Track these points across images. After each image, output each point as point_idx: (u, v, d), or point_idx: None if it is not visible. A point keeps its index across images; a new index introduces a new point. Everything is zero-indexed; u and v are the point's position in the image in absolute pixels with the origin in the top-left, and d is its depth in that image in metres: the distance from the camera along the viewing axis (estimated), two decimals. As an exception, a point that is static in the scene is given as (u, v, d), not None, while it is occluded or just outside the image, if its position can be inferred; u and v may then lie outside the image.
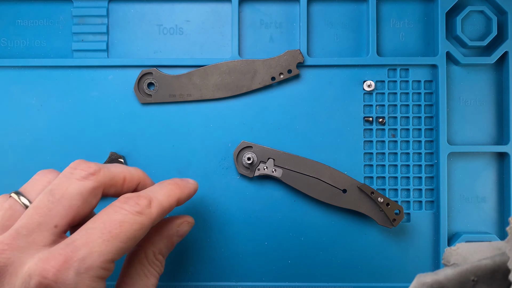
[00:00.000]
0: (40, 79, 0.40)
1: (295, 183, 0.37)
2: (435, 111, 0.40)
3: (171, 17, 0.41)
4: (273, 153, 0.38)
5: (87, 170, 0.27)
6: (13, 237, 0.24)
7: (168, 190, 0.31)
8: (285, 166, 0.37)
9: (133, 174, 0.31)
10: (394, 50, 0.41)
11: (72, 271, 0.23)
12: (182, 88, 0.40)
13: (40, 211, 0.25)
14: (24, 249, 0.24)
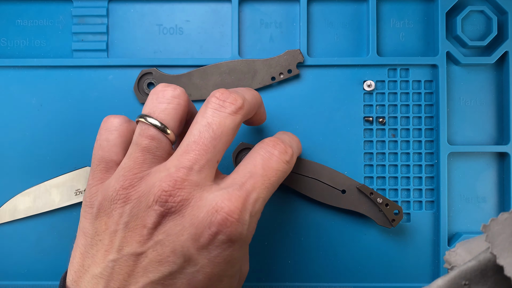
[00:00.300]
0: (40, 79, 0.40)
1: (294, 184, 0.37)
2: (435, 111, 0.40)
3: (171, 17, 0.41)
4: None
5: (236, 104, 0.27)
6: (188, 173, 0.25)
7: (296, 141, 0.32)
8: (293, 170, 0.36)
9: (258, 100, 0.31)
10: (394, 50, 0.41)
11: (248, 213, 0.25)
12: (182, 88, 0.40)
13: (206, 147, 0.26)
14: (199, 185, 0.25)
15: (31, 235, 0.40)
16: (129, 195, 0.25)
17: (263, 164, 0.27)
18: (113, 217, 0.25)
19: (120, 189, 0.25)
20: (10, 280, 0.40)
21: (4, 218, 0.40)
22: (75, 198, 0.40)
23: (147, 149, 0.26)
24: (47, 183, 0.40)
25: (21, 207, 0.40)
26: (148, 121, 0.27)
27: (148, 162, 0.26)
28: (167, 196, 0.24)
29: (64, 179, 0.40)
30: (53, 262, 0.40)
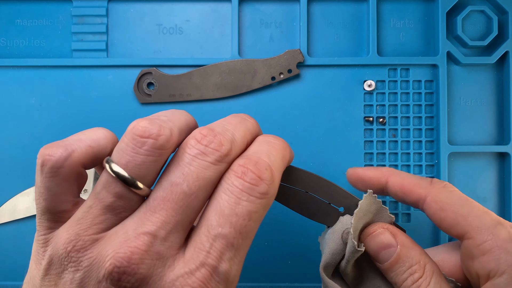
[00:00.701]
0: (39, 79, 0.40)
1: (282, 199, 0.30)
2: (436, 111, 0.40)
3: (171, 16, 0.41)
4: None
5: (221, 150, 0.21)
6: (150, 241, 0.20)
7: (280, 150, 0.24)
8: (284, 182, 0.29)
9: (253, 135, 0.25)
10: (394, 50, 0.41)
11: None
12: (181, 88, 0.40)
13: (178, 206, 0.20)
14: (162, 257, 0.20)
15: (31, 235, 0.40)
16: (80, 260, 0.21)
17: (229, 215, 0.20)
18: (64, 282, 0.21)
19: (71, 251, 0.21)
20: (10, 281, 0.40)
21: (3, 218, 0.40)
22: (74, 198, 0.39)
23: (110, 208, 0.21)
24: (46, 183, 0.40)
25: (20, 207, 0.40)
26: (115, 174, 0.21)
27: (107, 223, 0.21)
28: (120, 273, 0.19)
29: (63, 179, 0.40)
30: (53, 262, 0.40)
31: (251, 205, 0.21)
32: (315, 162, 0.40)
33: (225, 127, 0.23)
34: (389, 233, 0.26)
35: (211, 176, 0.21)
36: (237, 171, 0.21)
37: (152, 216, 0.20)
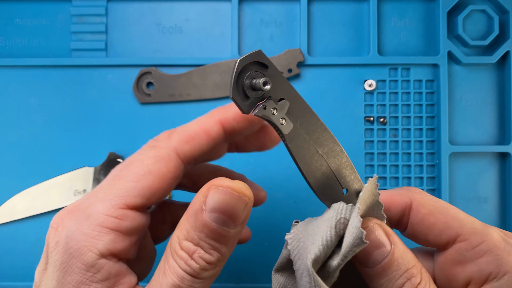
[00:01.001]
0: (38, 79, 0.40)
1: (297, 152, 0.24)
2: (437, 111, 0.40)
3: (171, 16, 0.41)
4: (292, 96, 0.23)
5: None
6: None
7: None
8: (299, 123, 0.24)
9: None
10: (395, 50, 0.40)
11: None
12: (181, 87, 0.39)
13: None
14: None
15: (30, 235, 0.40)
16: None
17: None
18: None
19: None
20: (10, 281, 0.40)
21: (2, 219, 0.40)
22: (73, 198, 0.39)
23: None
24: (45, 183, 0.39)
25: (19, 207, 0.40)
26: None
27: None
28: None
29: (62, 179, 0.40)
30: (52, 262, 0.40)
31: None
32: (315, 162, 0.39)
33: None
34: (383, 231, 0.22)
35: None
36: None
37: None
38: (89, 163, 0.39)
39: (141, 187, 0.22)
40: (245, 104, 0.22)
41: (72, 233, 0.21)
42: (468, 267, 0.23)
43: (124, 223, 0.21)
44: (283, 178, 0.39)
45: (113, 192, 0.22)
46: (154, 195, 0.22)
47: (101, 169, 0.39)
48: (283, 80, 0.22)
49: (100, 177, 0.39)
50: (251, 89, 0.21)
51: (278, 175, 0.39)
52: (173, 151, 0.23)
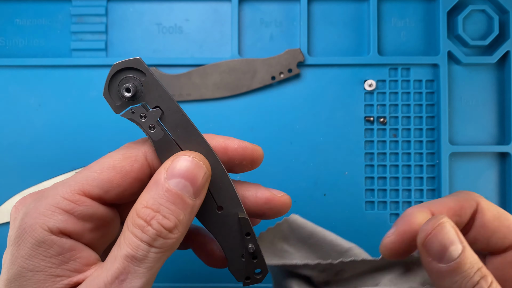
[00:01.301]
0: (38, 79, 0.40)
1: (163, 159, 0.24)
2: (437, 111, 0.40)
3: (171, 16, 0.41)
4: (168, 106, 0.25)
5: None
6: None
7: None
8: (176, 133, 0.25)
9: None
10: (395, 49, 0.40)
11: None
12: (181, 87, 0.39)
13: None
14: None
15: (29, 235, 0.40)
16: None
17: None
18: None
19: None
20: (9, 281, 0.40)
21: (2, 219, 0.40)
22: (74, 198, 0.39)
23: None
24: (45, 183, 0.39)
25: (19, 207, 0.40)
26: None
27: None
28: None
29: (62, 179, 0.39)
30: (52, 262, 0.40)
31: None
32: (315, 162, 0.39)
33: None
34: (453, 228, 0.22)
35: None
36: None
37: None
38: (89, 163, 0.39)
39: (101, 179, 0.23)
40: (115, 104, 0.24)
41: (28, 211, 0.22)
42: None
43: (78, 208, 0.22)
44: (283, 178, 0.39)
45: (75, 179, 0.23)
46: (112, 189, 0.23)
47: (101, 169, 0.39)
48: (161, 90, 0.24)
49: (100, 177, 0.39)
50: (124, 92, 0.24)
51: (278, 174, 0.39)
52: (142, 153, 0.24)
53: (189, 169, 0.23)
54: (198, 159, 0.23)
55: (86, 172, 0.23)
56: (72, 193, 0.23)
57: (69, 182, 0.23)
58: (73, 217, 0.22)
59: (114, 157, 0.24)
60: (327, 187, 0.39)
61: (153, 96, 0.24)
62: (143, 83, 0.23)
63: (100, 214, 0.23)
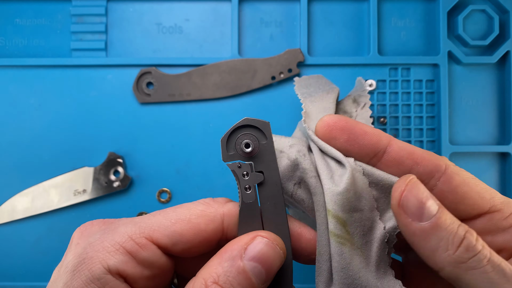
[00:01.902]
0: (38, 78, 0.40)
1: (241, 224, 0.24)
2: (437, 111, 0.40)
3: (171, 16, 0.41)
4: (272, 177, 0.24)
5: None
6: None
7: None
8: (265, 204, 0.24)
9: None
10: (395, 49, 0.40)
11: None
12: (181, 87, 0.39)
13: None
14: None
15: (29, 236, 0.40)
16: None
17: None
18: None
19: None
20: (9, 281, 0.40)
21: (2, 219, 0.40)
22: (73, 198, 0.39)
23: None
24: (45, 183, 0.39)
25: (19, 207, 0.39)
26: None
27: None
28: None
29: (62, 179, 0.39)
30: (52, 262, 0.40)
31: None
32: (315, 162, 0.39)
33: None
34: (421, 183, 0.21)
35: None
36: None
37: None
38: (89, 163, 0.39)
39: (173, 230, 0.22)
40: (227, 153, 0.23)
41: (93, 241, 0.22)
42: (500, 236, 0.23)
43: (142, 252, 0.22)
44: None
45: (148, 221, 0.23)
46: (181, 243, 0.23)
47: (101, 169, 0.39)
48: (272, 158, 0.24)
49: (100, 177, 0.39)
50: (239, 145, 0.23)
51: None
52: (220, 215, 0.23)
53: (269, 256, 0.21)
54: (280, 247, 0.22)
55: (160, 218, 0.23)
56: (140, 236, 0.22)
57: (140, 223, 0.23)
58: (134, 260, 0.22)
59: (192, 210, 0.23)
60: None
61: (263, 161, 0.24)
62: (261, 145, 0.23)
63: (160, 263, 0.23)
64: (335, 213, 0.22)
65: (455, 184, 0.23)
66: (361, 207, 0.23)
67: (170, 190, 0.39)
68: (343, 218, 0.22)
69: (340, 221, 0.22)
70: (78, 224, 0.40)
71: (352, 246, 0.22)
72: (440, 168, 0.23)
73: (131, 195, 0.40)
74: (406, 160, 0.24)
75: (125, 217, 0.24)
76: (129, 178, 0.39)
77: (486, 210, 0.23)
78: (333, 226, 0.22)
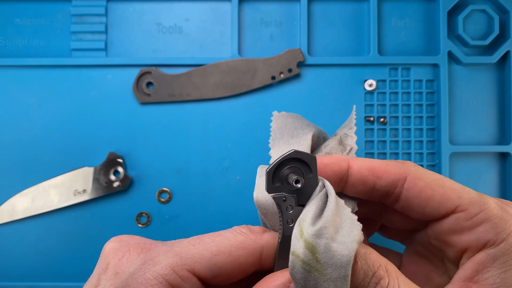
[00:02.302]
0: (38, 79, 0.40)
1: (279, 258, 0.24)
2: (437, 111, 0.40)
3: (170, 16, 0.41)
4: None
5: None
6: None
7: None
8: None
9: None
10: (395, 49, 0.40)
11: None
12: (181, 87, 0.39)
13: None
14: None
15: (29, 236, 0.40)
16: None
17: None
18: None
19: None
20: (9, 281, 0.40)
21: (2, 219, 0.40)
22: (73, 198, 0.39)
23: None
24: (45, 183, 0.39)
25: (19, 207, 0.39)
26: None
27: None
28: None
29: (62, 179, 0.39)
30: (52, 263, 0.40)
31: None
32: (315, 162, 0.39)
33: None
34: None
35: None
36: None
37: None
38: (89, 163, 0.39)
39: (214, 262, 0.22)
40: (272, 184, 0.23)
41: (135, 273, 0.22)
42: (465, 236, 0.23)
43: (184, 285, 0.22)
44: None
45: (188, 251, 0.22)
46: (220, 276, 0.23)
47: (101, 169, 0.39)
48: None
49: (100, 177, 0.39)
50: (285, 178, 0.23)
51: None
52: (260, 248, 0.23)
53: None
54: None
55: (201, 249, 0.23)
56: (182, 268, 0.22)
57: (181, 253, 0.22)
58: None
59: (232, 241, 0.23)
60: (327, 187, 0.39)
61: (306, 195, 0.23)
62: (306, 179, 0.23)
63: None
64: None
65: (418, 189, 0.24)
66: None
67: (170, 190, 0.39)
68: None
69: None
70: (78, 224, 0.40)
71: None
72: (402, 176, 0.24)
73: (131, 195, 0.40)
74: (368, 176, 0.24)
75: (161, 241, 0.23)
76: (129, 178, 0.39)
77: (452, 210, 0.24)
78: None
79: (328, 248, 0.20)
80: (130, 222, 0.40)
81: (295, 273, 0.21)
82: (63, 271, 0.40)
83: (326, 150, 0.27)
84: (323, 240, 0.20)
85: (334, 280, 0.20)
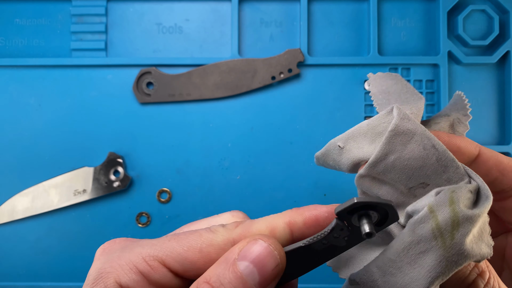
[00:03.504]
0: (38, 79, 0.40)
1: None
2: (437, 111, 0.40)
3: (171, 16, 0.41)
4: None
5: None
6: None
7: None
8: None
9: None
10: (395, 49, 0.40)
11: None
12: (181, 87, 0.39)
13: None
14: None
15: (29, 236, 0.40)
16: None
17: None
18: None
19: None
20: (9, 281, 0.40)
21: (2, 219, 0.40)
22: (73, 198, 0.39)
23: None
24: (45, 183, 0.39)
25: (19, 207, 0.39)
26: None
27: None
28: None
29: (62, 179, 0.39)
30: (52, 263, 0.40)
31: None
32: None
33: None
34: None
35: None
36: None
37: None
38: (89, 163, 0.39)
39: (184, 257, 0.23)
40: (345, 213, 0.21)
41: (112, 258, 0.23)
42: None
43: (153, 274, 0.23)
44: (283, 178, 0.39)
45: (162, 245, 0.23)
46: (192, 270, 0.23)
47: (101, 169, 0.39)
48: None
49: (100, 177, 0.39)
50: (357, 219, 0.21)
51: (278, 174, 0.39)
52: (230, 244, 0.24)
53: (260, 255, 0.22)
54: (273, 247, 0.22)
55: (173, 243, 0.23)
56: (152, 258, 0.23)
57: (156, 246, 0.23)
58: (146, 281, 0.23)
59: (203, 238, 0.23)
60: (327, 187, 0.39)
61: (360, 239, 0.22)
62: (376, 230, 0.21)
63: (172, 285, 0.23)
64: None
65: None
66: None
67: (170, 190, 0.39)
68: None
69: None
70: (78, 224, 0.40)
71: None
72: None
73: (131, 195, 0.40)
74: (493, 169, 0.24)
75: (147, 238, 0.25)
76: (129, 178, 0.39)
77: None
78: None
79: (467, 239, 0.19)
80: (130, 222, 0.40)
81: (418, 227, 0.20)
82: (63, 271, 0.40)
83: (435, 127, 0.26)
84: (467, 228, 0.19)
85: (447, 259, 0.19)
